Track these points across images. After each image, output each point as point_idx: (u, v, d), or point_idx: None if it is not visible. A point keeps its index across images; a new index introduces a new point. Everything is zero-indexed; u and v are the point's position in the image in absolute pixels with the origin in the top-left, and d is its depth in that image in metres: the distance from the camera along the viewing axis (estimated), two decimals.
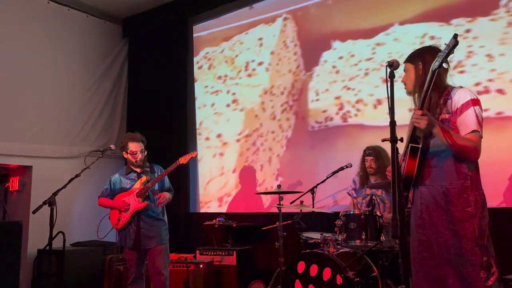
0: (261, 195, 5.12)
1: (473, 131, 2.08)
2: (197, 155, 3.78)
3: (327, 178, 4.11)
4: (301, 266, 3.38)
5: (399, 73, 2.20)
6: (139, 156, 3.74)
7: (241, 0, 5.59)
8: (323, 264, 3.25)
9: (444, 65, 1.99)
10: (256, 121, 5.42)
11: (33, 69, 5.57)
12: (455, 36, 1.90)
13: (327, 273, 3.21)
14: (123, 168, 3.93)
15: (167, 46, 6.18)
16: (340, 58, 4.79)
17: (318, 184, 4.12)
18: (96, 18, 6.40)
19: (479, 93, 3.83)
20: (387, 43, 4.46)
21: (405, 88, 2.36)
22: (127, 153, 3.77)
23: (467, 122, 2.09)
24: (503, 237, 3.51)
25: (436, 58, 1.98)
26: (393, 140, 1.92)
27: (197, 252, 4.81)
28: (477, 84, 3.92)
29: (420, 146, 2.13)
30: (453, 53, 1.94)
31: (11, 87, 5.33)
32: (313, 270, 3.30)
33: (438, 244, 2.09)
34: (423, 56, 2.26)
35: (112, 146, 4.05)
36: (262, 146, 5.33)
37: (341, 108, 4.73)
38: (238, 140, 5.55)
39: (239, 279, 4.58)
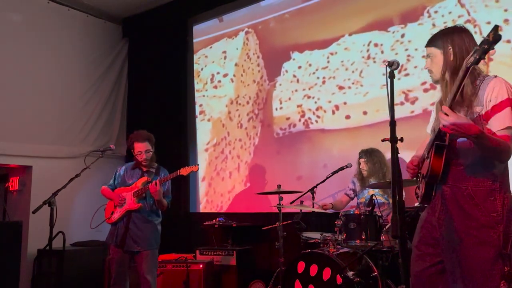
0: (261, 197, 5.11)
1: (508, 127, 1.84)
2: (198, 169, 3.67)
3: (327, 178, 4.10)
4: (301, 266, 3.38)
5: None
6: (143, 156, 3.69)
7: (239, 0, 5.59)
8: (323, 264, 3.25)
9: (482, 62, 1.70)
10: (224, 130, 5.62)
11: (33, 69, 5.57)
12: (496, 28, 1.59)
13: (327, 273, 3.21)
14: (133, 162, 3.86)
15: (167, 46, 6.18)
16: (299, 67, 5.10)
17: (318, 184, 4.12)
18: (96, 18, 6.41)
19: (426, 90, 4.14)
20: (339, 52, 4.81)
21: (431, 76, 2.10)
22: (134, 152, 3.75)
23: (502, 117, 1.85)
24: None
25: (472, 53, 1.68)
26: (393, 140, 1.92)
27: (197, 252, 4.81)
28: (424, 83, 4.16)
29: (447, 143, 1.92)
30: (493, 48, 1.63)
31: (11, 87, 5.33)
32: (313, 270, 3.30)
33: (454, 250, 1.91)
34: (451, 38, 1.99)
35: (112, 146, 4.04)
36: (230, 154, 5.54)
37: (303, 115, 5.00)
38: (206, 150, 5.75)
39: (239, 279, 4.57)
